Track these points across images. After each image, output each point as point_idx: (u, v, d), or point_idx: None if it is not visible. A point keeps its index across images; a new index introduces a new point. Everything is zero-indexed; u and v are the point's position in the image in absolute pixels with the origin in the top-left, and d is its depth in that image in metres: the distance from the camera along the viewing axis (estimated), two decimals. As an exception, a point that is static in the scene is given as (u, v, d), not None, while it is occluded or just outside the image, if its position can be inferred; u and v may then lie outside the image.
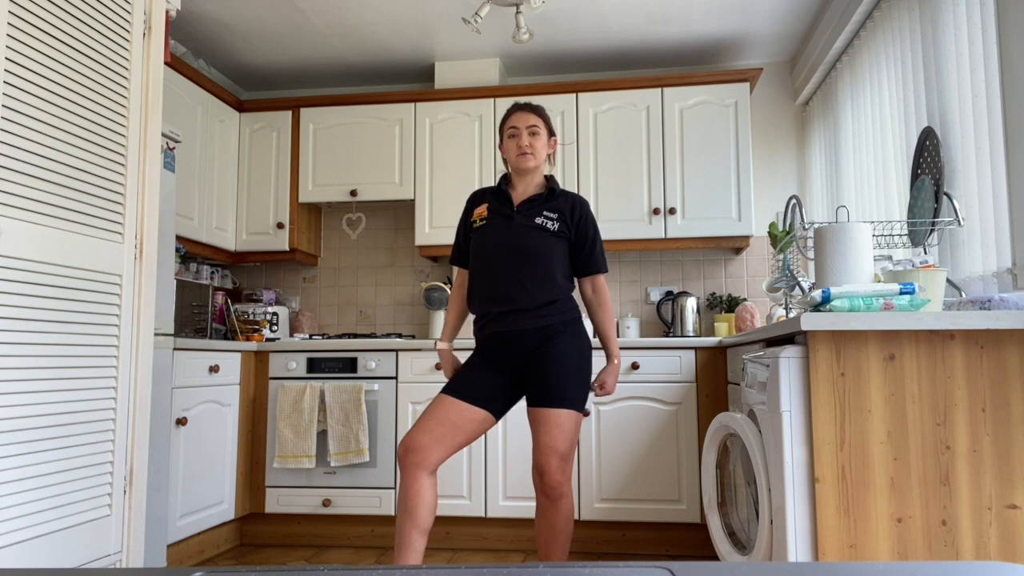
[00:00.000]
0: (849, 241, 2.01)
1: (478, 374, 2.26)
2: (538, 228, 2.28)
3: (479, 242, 2.33)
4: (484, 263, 2.30)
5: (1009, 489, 1.64)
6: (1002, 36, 2.02)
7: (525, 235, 2.27)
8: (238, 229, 4.02)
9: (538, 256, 2.26)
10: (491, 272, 2.28)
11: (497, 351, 2.28)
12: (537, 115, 2.34)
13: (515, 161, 2.32)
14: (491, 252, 2.29)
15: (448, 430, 2.18)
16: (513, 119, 2.34)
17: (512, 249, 2.26)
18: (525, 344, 2.26)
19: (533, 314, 2.26)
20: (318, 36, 3.76)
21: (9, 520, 1.82)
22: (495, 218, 2.33)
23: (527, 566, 0.60)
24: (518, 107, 2.36)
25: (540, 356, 2.24)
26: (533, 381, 2.24)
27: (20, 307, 1.87)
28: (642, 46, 3.89)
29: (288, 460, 3.34)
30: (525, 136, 2.31)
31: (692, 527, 3.24)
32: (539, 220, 2.29)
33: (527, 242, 2.26)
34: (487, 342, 2.30)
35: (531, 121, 2.32)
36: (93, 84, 2.11)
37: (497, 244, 2.28)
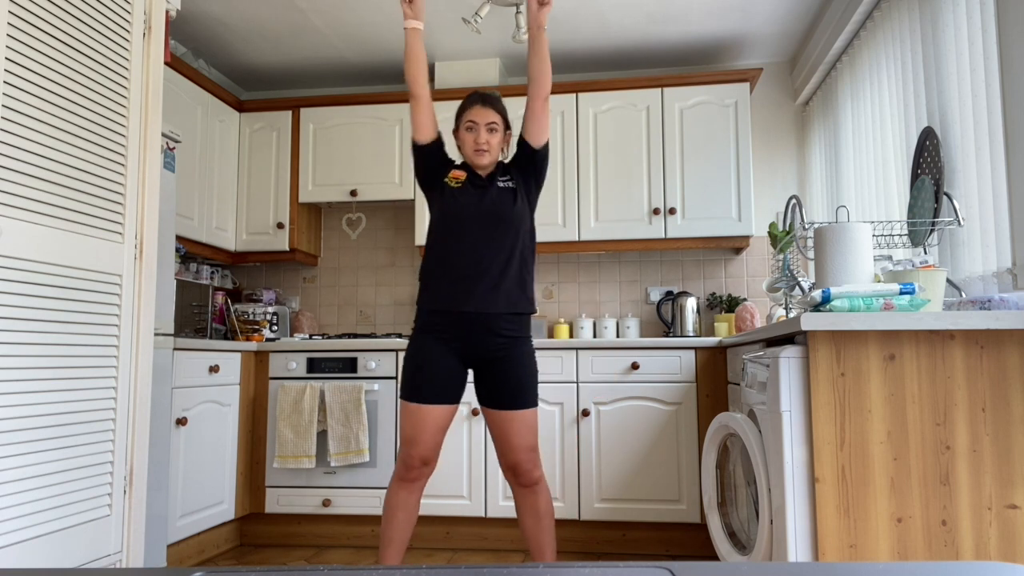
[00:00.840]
0: (849, 241, 2.01)
1: (445, 370, 2.28)
2: (504, 191, 2.33)
3: (454, 205, 2.31)
4: (459, 232, 2.29)
5: (1009, 489, 1.64)
6: (1002, 36, 2.02)
7: (498, 199, 2.31)
8: (238, 229, 4.02)
9: (515, 220, 2.30)
10: (468, 242, 2.28)
11: (456, 338, 2.27)
12: (497, 111, 2.35)
13: (471, 156, 2.34)
14: (468, 221, 2.29)
15: (438, 437, 2.30)
16: (472, 113, 2.33)
17: (492, 213, 2.29)
18: (492, 342, 2.27)
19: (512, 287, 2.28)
20: (318, 36, 3.76)
21: (9, 520, 1.82)
22: (471, 186, 2.34)
23: (527, 566, 0.60)
24: (478, 99, 2.35)
25: (503, 360, 2.29)
26: (499, 384, 2.28)
27: (20, 307, 1.87)
28: (642, 46, 3.89)
29: (288, 460, 3.34)
30: (483, 132, 2.32)
31: (692, 527, 3.25)
32: (500, 184, 2.34)
33: (503, 206, 2.30)
34: (448, 326, 2.27)
35: (490, 118, 2.32)
36: (93, 84, 2.11)
37: (475, 212, 2.29)
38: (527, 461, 2.28)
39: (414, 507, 2.32)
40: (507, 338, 2.28)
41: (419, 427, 2.25)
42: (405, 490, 2.30)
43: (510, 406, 2.27)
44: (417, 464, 2.27)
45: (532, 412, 2.30)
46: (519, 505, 2.33)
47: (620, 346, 3.28)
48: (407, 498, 2.30)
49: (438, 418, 2.27)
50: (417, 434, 2.25)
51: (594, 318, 4.02)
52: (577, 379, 3.31)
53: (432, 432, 2.27)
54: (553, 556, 2.32)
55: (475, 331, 2.26)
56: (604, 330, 3.85)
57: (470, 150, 2.33)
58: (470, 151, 2.33)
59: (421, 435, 2.26)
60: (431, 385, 2.26)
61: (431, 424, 2.26)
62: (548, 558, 2.30)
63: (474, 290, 2.25)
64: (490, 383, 2.30)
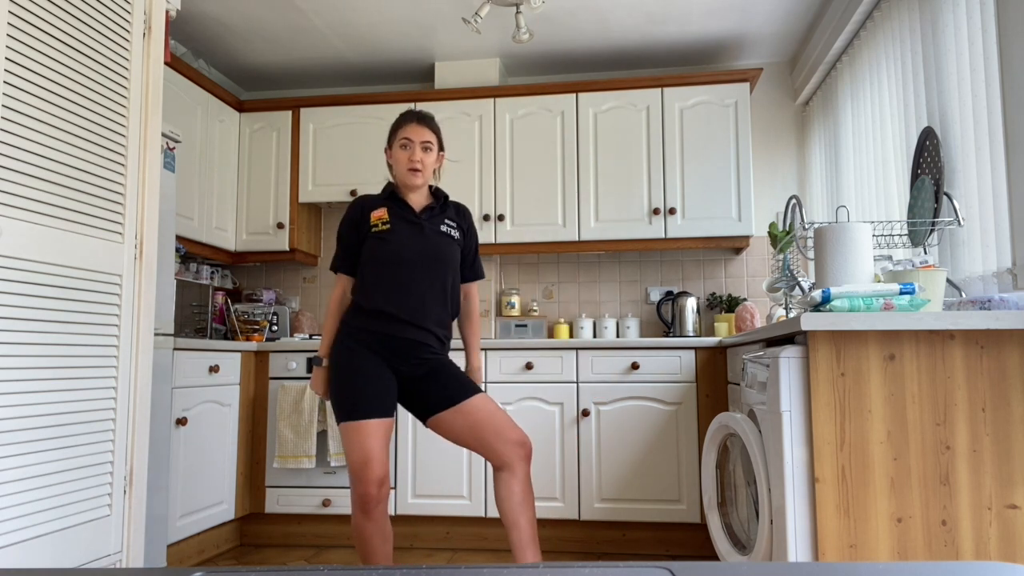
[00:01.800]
0: (849, 241, 2.01)
1: (374, 381, 2.20)
2: (446, 236, 2.31)
3: (384, 248, 2.25)
4: (393, 270, 2.24)
5: (1009, 489, 1.64)
6: (1002, 36, 2.02)
7: (438, 242, 2.28)
8: (238, 229, 4.02)
9: (449, 266, 2.30)
10: (404, 281, 2.24)
11: (391, 355, 2.24)
12: (431, 130, 2.33)
13: (404, 175, 2.30)
14: (404, 260, 2.24)
15: (385, 452, 2.19)
16: (408, 130, 2.30)
17: (428, 257, 2.26)
18: (423, 359, 2.26)
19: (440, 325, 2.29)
20: (318, 36, 3.76)
21: (9, 520, 1.82)
22: (402, 224, 2.28)
23: (527, 566, 0.60)
24: (413, 117, 2.32)
25: (438, 368, 2.27)
26: (442, 385, 2.25)
27: (20, 307, 1.87)
28: (642, 46, 3.89)
29: (288, 460, 3.34)
30: (418, 151, 2.29)
31: (692, 527, 3.25)
32: (443, 228, 2.32)
33: (442, 250, 2.28)
34: (379, 343, 2.23)
35: (425, 136, 2.30)
36: (93, 84, 2.11)
37: (411, 251, 2.25)
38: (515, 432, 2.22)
39: (386, 528, 2.20)
40: (430, 358, 2.28)
41: (368, 445, 2.13)
42: (371, 519, 2.17)
43: (461, 397, 2.23)
44: (374, 489, 2.13)
45: (484, 395, 2.27)
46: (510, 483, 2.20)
47: (620, 346, 3.29)
48: (375, 525, 2.18)
49: (385, 432, 2.18)
50: (367, 452, 2.13)
51: (594, 318, 4.02)
52: (577, 379, 3.31)
53: (381, 447, 2.15)
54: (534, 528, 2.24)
55: (399, 352, 2.24)
56: (604, 330, 3.85)
57: (403, 168, 2.29)
58: (403, 169, 2.29)
59: (372, 452, 2.13)
60: (371, 398, 2.17)
61: (379, 439, 2.15)
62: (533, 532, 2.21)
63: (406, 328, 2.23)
64: (430, 391, 2.24)
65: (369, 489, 2.13)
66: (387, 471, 2.18)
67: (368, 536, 2.18)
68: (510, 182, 3.82)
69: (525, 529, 2.21)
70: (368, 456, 2.13)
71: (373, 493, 2.14)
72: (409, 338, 2.23)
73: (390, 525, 2.27)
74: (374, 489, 2.14)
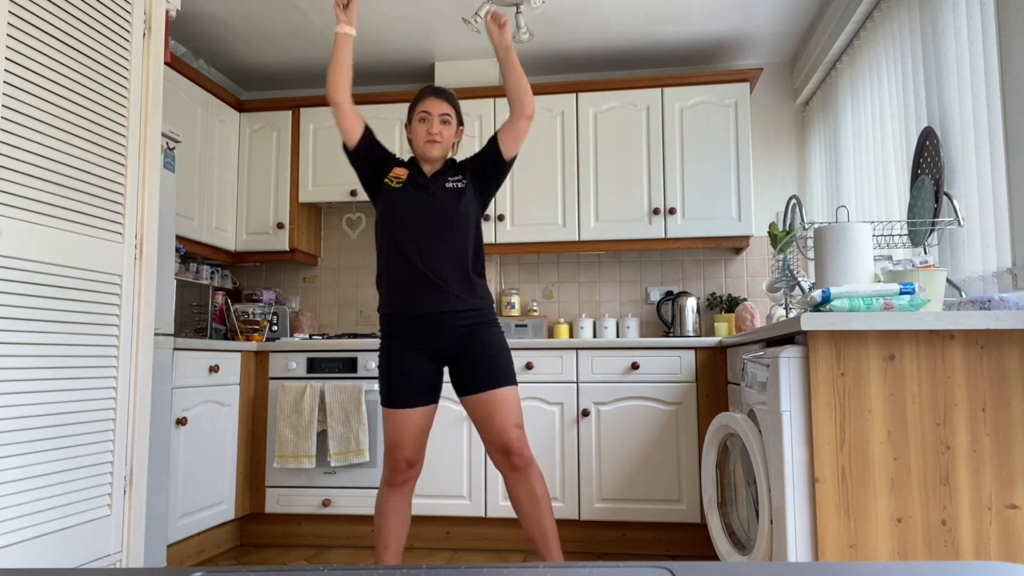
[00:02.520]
0: (849, 241, 2.01)
1: (417, 372, 2.27)
2: (449, 191, 2.31)
3: (392, 210, 2.30)
4: (401, 234, 2.28)
5: (1009, 489, 1.64)
6: (1002, 36, 2.02)
7: (444, 199, 2.29)
8: (238, 229, 4.02)
9: (460, 219, 2.28)
10: (411, 243, 2.27)
11: (421, 338, 2.28)
12: (450, 103, 2.35)
13: (422, 147, 2.32)
14: (409, 221, 2.28)
15: (422, 439, 2.30)
16: (426, 103, 2.33)
17: (435, 217, 2.27)
18: (453, 334, 2.27)
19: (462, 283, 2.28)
20: (318, 36, 3.76)
21: (9, 520, 1.82)
22: (412, 186, 2.32)
23: (527, 566, 0.60)
24: (433, 91, 2.35)
25: (471, 345, 2.28)
26: (471, 369, 2.27)
27: (20, 307, 1.87)
28: (642, 46, 3.89)
29: (288, 460, 3.34)
30: (436, 123, 2.31)
31: (692, 527, 3.25)
32: (448, 184, 2.32)
33: (447, 206, 2.28)
34: (408, 328, 2.28)
35: (444, 109, 2.32)
36: (93, 84, 2.11)
37: (416, 212, 2.28)
38: (517, 440, 2.24)
39: (406, 510, 2.33)
40: (466, 326, 2.28)
41: (401, 431, 2.26)
42: (395, 495, 2.30)
43: (487, 387, 2.25)
44: (403, 467, 2.27)
45: (512, 390, 2.28)
46: (514, 493, 2.28)
47: (620, 346, 3.28)
48: (398, 502, 2.30)
49: (418, 420, 2.27)
50: (400, 438, 2.26)
51: (594, 318, 4.02)
52: (577, 379, 3.31)
53: (414, 434, 2.27)
54: (556, 538, 2.28)
55: (433, 328, 2.27)
56: (604, 330, 3.85)
57: (421, 140, 2.32)
58: (421, 142, 2.32)
59: (404, 439, 2.26)
60: (405, 389, 2.26)
61: (412, 427, 2.27)
62: (552, 541, 2.25)
63: (420, 294, 2.25)
64: (462, 371, 2.29)
65: (397, 466, 2.27)
66: (418, 456, 2.29)
67: (387, 511, 2.30)
68: (510, 182, 3.82)
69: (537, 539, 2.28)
70: (398, 441, 2.27)
71: (402, 469, 2.28)
72: (428, 310, 2.25)
73: (410, 510, 2.35)
74: (402, 466, 2.28)
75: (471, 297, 2.30)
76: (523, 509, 2.28)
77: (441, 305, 2.25)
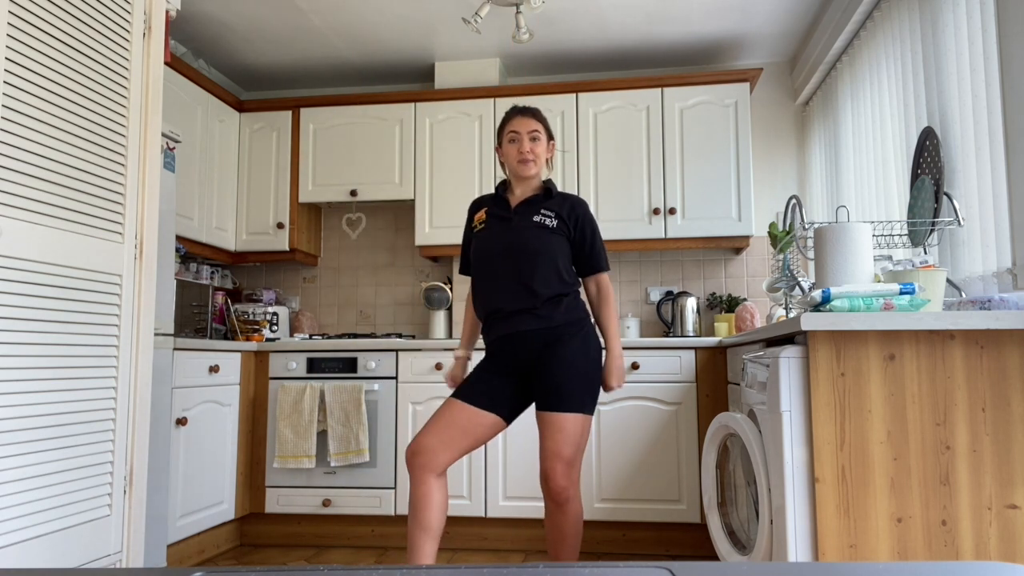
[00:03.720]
0: (849, 241, 2.01)
1: (485, 378, 2.26)
2: (536, 226, 2.27)
3: (479, 246, 2.33)
4: (485, 265, 2.30)
5: (1009, 489, 1.64)
6: (1002, 36, 2.02)
7: (524, 233, 2.26)
8: (238, 229, 4.02)
9: (538, 254, 2.24)
10: (492, 273, 2.27)
11: (503, 355, 2.27)
12: (538, 120, 2.33)
13: (516, 167, 2.31)
14: (491, 254, 2.28)
15: (456, 433, 2.17)
16: (514, 123, 2.32)
17: (512, 248, 2.25)
18: (530, 347, 2.23)
19: (537, 313, 2.24)
20: (318, 36, 3.76)
21: (9, 520, 1.82)
22: (493, 221, 2.32)
23: (527, 566, 0.60)
24: (518, 111, 2.34)
25: (546, 359, 2.21)
26: (539, 385, 2.22)
27: (20, 307, 1.87)
28: (642, 46, 3.89)
29: (288, 460, 3.34)
30: (526, 141, 2.29)
31: (692, 527, 3.24)
32: (536, 218, 2.28)
33: (527, 240, 2.25)
34: (493, 346, 2.30)
35: (532, 126, 2.30)
36: (93, 84, 2.11)
37: (498, 245, 2.27)
38: (558, 472, 2.15)
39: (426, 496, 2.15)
40: (541, 343, 2.23)
41: (436, 416, 2.21)
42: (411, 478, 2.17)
43: (545, 407, 2.20)
44: (416, 449, 2.16)
45: (573, 418, 2.17)
46: (547, 517, 2.25)
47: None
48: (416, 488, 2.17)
49: (458, 414, 2.18)
50: (431, 423, 2.20)
51: (594, 318, 4.02)
52: (577, 379, 3.31)
53: (444, 423, 2.17)
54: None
55: (509, 347, 2.26)
56: (604, 330, 3.85)
57: (514, 161, 2.30)
58: (514, 163, 2.30)
59: (433, 424, 2.18)
60: (466, 384, 2.25)
61: (447, 416, 2.18)
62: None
63: (496, 321, 2.27)
64: (535, 387, 2.24)
65: (412, 451, 2.17)
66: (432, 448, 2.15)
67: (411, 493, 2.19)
68: (510, 182, 3.82)
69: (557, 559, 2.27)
70: (428, 428, 2.19)
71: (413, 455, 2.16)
72: (510, 332, 2.24)
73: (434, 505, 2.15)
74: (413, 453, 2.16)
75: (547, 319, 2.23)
76: (549, 536, 2.27)
77: (514, 328, 2.24)
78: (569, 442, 2.16)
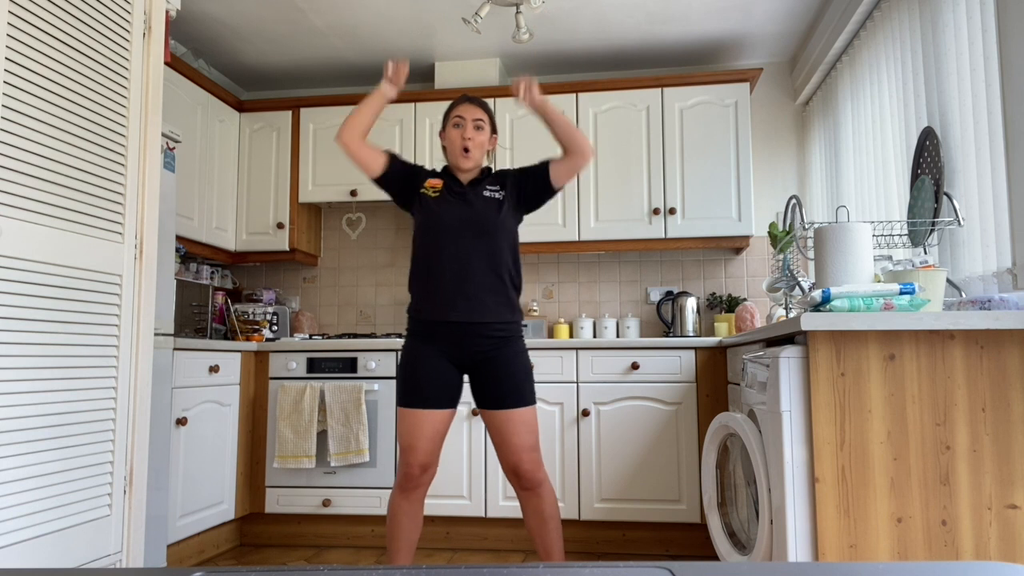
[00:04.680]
0: (849, 241, 2.01)
1: (438, 374, 2.26)
2: (488, 199, 2.30)
3: (429, 218, 2.29)
4: (438, 242, 2.27)
5: (1009, 489, 1.64)
6: (1002, 36, 2.02)
7: (481, 207, 2.28)
8: (238, 229, 4.02)
9: (497, 229, 2.27)
10: (447, 251, 2.26)
11: (448, 345, 2.27)
12: (484, 110, 2.36)
13: (456, 153, 2.32)
14: (446, 227, 2.27)
15: (438, 443, 2.29)
16: (460, 109, 2.34)
17: (471, 224, 2.26)
18: (482, 346, 2.26)
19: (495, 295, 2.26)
20: (318, 36, 3.76)
21: (9, 520, 1.82)
22: (449, 194, 2.32)
23: (527, 566, 0.60)
24: (465, 98, 2.37)
25: (497, 360, 2.27)
26: (494, 385, 2.25)
27: (20, 307, 1.87)
28: (642, 46, 3.89)
29: (288, 460, 3.34)
30: (470, 128, 2.31)
31: (692, 527, 3.25)
32: (487, 193, 2.32)
33: (485, 214, 2.27)
34: (437, 334, 2.27)
35: (477, 114, 2.33)
36: (93, 84, 2.11)
37: (454, 218, 2.27)
38: (528, 462, 2.25)
39: (418, 514, 2.32)
40: (495, 339, 2.27)
41: (416, 433, 2.24)
42: (407, 500, 2.28)
43: (505, 405, 2.25)
44: (417, 472, 2.25)
45: (529, 410, 2.27)
46: (524, 507, 2.30)
47: (620, 346, 3.28)
48: (410, 507, 2.29)
49: (435, 423, 2.25)
50: (414, 440, 2.24)
51: (594, 318, 4.02)
52: (577, 379, 3.31)
53: (429, 437, 2.25)
54: (561, 557, 2.30)
55: (461, 338, 2.26)
56: (604, 330, 3.85)
57: (456, 147, 2.32)
58: (456, 148, 2.32)
59: (418, 441, 2.24)
60: (425, 390, 2.25)
61: (428, 429, 2.25)
62: (556, 559, 2.28)
63: (455, 303, 2.24)
64: (484, 384, 2.28)
65: (411, 471, 2.25)
66: (431, 459, 2.27)
67: (400, 514, 2.29)
68: (510, 182, 3.82)
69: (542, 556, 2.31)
70: (412, 443, 2.25)
71: (415, 474, 2.26)
72: (461, 320, 2.24)
73: (422, 513, 2.35)
74: (416, 471, 2.25)
75: (506, 311, 2.29)
76: (530, 525, 2.30)
77: (475, 316, 2.24)
78: (532, 432, 2.26)
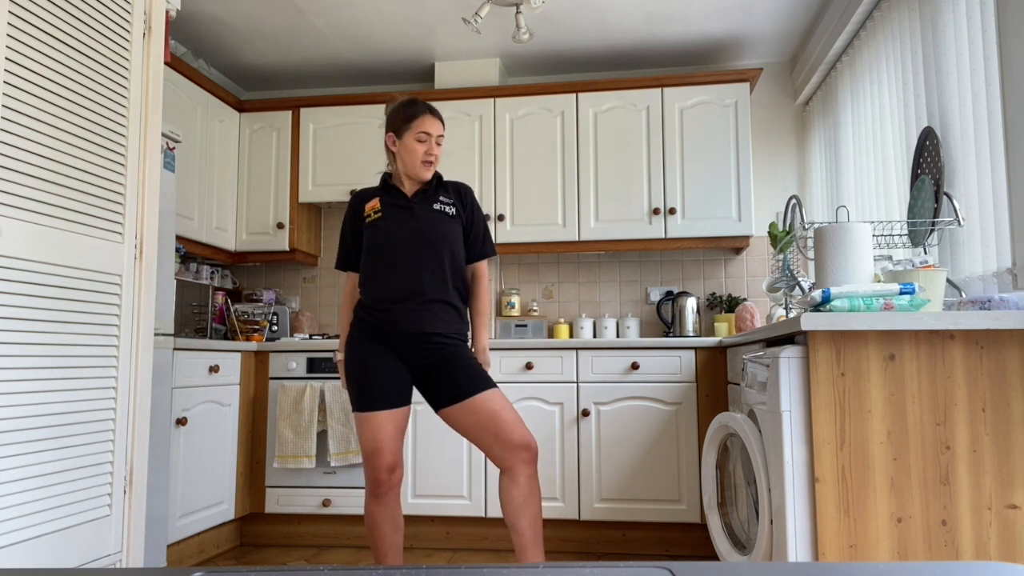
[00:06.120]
0: (849, 241, 2.01)
1: (391, 372, 2.26)
2: (439, 213, 2.31)
3: (377, 236, 2.29)
4: (387, 255, 2.27)
5: (1009, 489, 1.64)
6: (1002, 36, 2.02)
7: (430, 221, 2.28)
8: (238, 229, 4.02)
9: (446, 242, 2.28)
10: (398, 264, 2.26)
11: (398, 345, 2.26)
12: (443, 125, 2.37)
13: (417, 168, 2.31)
14: (395, 243, 2.27)
15: (401, 441, 2.28)
16: (427, 123, 2.31)
17: (420, 236, 2.26)
18: (431, 353, 2.27)
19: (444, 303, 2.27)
20: (318, 36, 3.76)
21: (9, 520, 1.82)
22: (392, 210, 2.31)
23: (527, 566, 0.60)
24: (429, 110, 2.34)
25: (451, 358, 2.27)
26: (452, 379, 2.24)
27: (20, 307, 1.87)
28: (642, 46, 3.89)
29: (288, 460, 3.34)
30: (435, 145, 2.32)
31: (692, 527, 3.25)
32: (437, 206, 2.32)
33: (433, 227, 2.27)
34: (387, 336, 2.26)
35: (441, 131, 2.34)
36: (93, 84, 2.11)
37: (403, 234, 2.27)
38: (520, 432, 2.20)
39: (397, 516, 2.30)
40: (446, 346, 2.28)
41: (380, 435, 2.23)
42: (382, 504, 2.27)
43: (479, 389, 2.22)
44: (385, 475, 2.24)
45: (496, 391, 2.24)
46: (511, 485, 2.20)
47: (620, 346, 3.29)
48: (386, 512, 2.27)
49: (396, 422, 2.25)
50: (379, 443, 2.23)
51: (594, 318, 4.02)
52: (577, 379, 3.31)
53: (392, 436, 2.24)
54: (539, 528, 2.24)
55: (412, 346, 2.26)
56: (604, 330, 3.85)
57: (418, 160, 2.30)
58: (417, 161, 2.30)
59: (383, 443, 2.23)
60: (381, 391, 2.24)
61: (390, 430, 2.24)
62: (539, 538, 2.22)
63: (405, 315, 2.24)
64: (441, 382, 2.25)
65: (380, 475, 2.24)
66: (398, 459, 2.26)
67: (379, 522, 2.27)
68: (510, 182, 3.82)
69: (525, 533, 2.21)
70: (377, 446, 2.23)
71: (384, 479, 2.24)
72: (413, 330, 2.24)
73: (401, 514, 2.32)
74: (384, 475, 2.24)
75: (455, 321, 2.31)
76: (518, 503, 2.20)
77: (427, 327, 2.25)
78: (509, 406, 2.24)
